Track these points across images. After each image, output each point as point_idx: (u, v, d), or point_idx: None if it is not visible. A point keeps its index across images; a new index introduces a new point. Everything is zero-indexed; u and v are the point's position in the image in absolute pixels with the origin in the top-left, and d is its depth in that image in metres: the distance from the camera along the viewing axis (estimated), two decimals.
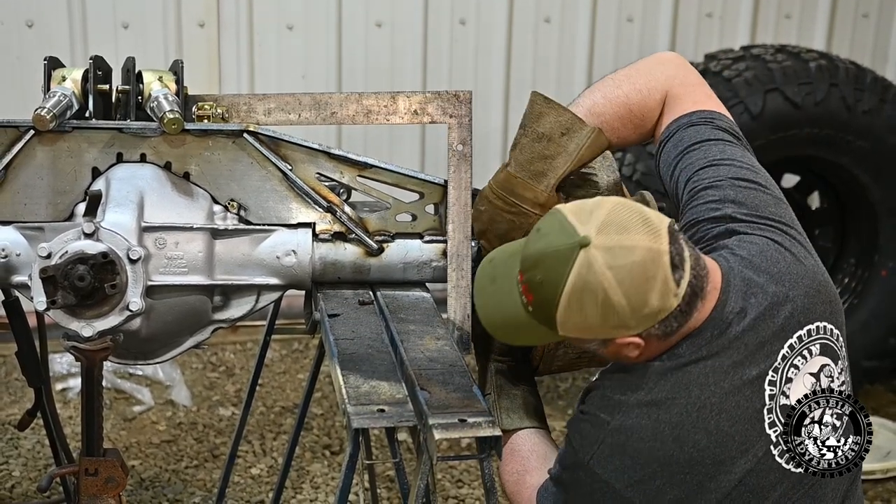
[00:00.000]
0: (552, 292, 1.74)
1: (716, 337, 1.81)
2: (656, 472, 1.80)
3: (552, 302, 1.75)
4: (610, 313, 1.73)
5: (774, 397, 1.82)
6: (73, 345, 2.08)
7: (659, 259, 1.72)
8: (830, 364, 1.88)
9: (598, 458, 1.83)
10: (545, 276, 1.75)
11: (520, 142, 2.12)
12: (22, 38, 4.47)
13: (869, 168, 4.18)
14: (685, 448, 1.79)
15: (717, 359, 1.81)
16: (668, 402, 1.80)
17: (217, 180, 2.25)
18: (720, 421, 1.79)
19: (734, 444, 1.80)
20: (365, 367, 2.00)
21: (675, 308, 1.75)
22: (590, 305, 1.73)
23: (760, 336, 1.82)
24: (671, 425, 1.79)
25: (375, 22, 4.81)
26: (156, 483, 3.70)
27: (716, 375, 1.80)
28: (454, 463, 3.84)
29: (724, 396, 1.80)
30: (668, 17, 5.12)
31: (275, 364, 4.69)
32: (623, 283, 1.71)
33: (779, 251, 1.89)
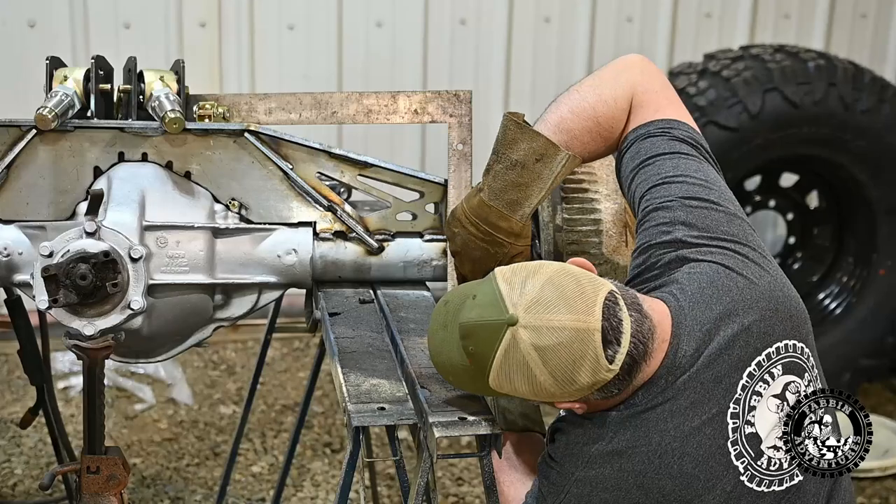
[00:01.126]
0: (483, 363, 1.74)
1: (670, 383, 1.78)
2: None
3: (484, 371, 1.74)
4: (538, 389, 1.72)
5: (738, 429, 1.79)
6: (75, 343, 2.08)
7: (588, 338, 1.70)
8: (796, 380, 1.84)
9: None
10: (476, 349, 1.74)
11: (493, 168, 2.08)
12: (24, 38, 4.48)
13: (867, 167, 4.19)
14: (651, 495, 1.78)
15: (674, 402, 1.78)
16: (629, 450, 1.78)
17: (218, 179, 2.26)
18: (683, 464, 1.77)
19: (700, 483, 1.78)
20: (365, 365, 2.01)
21: (613, 378, 1.73)
22: (517, 380, 1.72)
23: (716, 372, 1.79)
24: (634, 474, 1.78)
25: (376, 22, 4.82)
26: (157, 481, 3.71)
27: (674, 419, 1.78)
28: (454, 461, 3.85)
29: (684, 439, 1.78)
30: (667, 17, 5.13)
31: (276, 362, 4.70)
32: (548, 364, 1.69)
33: (730, 277, 1.85)
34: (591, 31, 5.06)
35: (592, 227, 2.19)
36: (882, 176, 4.22)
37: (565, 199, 2.20)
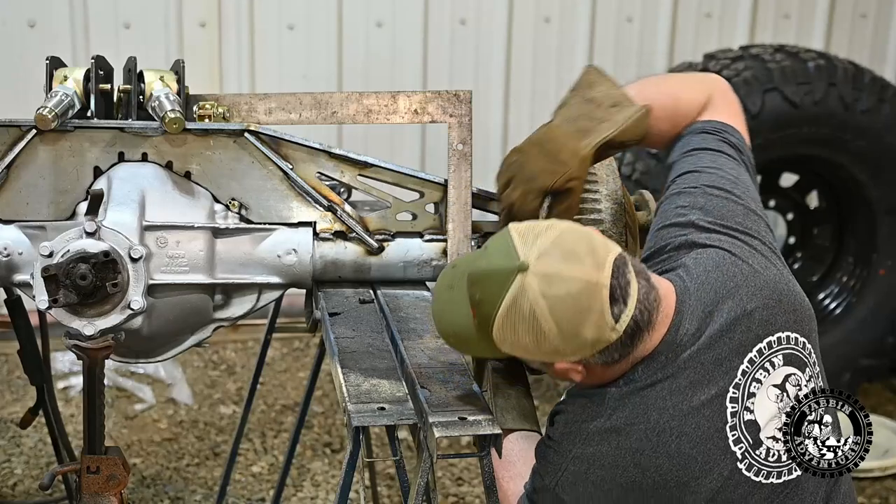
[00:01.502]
0: (488, 312, 1.75)
1: (671, 360, 1.80)
2: (619, 497, 1.80)
3: (488, 321, 1.75)
4: (541, 339, 1.74)
5: (737, 414, 1.81)
6: (75, 343, 2.08)
7: (596, 292, 1.72)
8: (797, 373, 1.86)
9: (562, 485, 1.83)
10: (483, 296, 1.76)
11: (568, 102, 2.09)
12: (24, 38, 4.48)
13: (867, 167, 4.19)
14: (647, 473, 1.78)
15: (674, 381, 1.80)
16: (627, 428, 1.80)
17: (218, 179, 2.26)
18: (681, 444, 1.78)
19: (697, 465, 1.79)
20: (365, 365, 2.01)
21: (615, 340, 1.75)
22: (522, 330, 1.74)
23: (717, 354, 1.81)
24: (632, 451, 1.79)
25: (376, 22, 4.82)
26: (157, 481, 3.72)
27: (673, 398, 1.79)
28: (454, 461, 3.86)
29: (682, 419, 1.79)
30: (667, 17, 5.13)
31: (276, 362, 4.70)
32: (554, 312, 1.71)
33: (735, 264, 1.88)
34: (591, 31, 5.06)
35: (592, 227, 2.19)
36: (882, 176, 4.22)
37: None
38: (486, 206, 2.35)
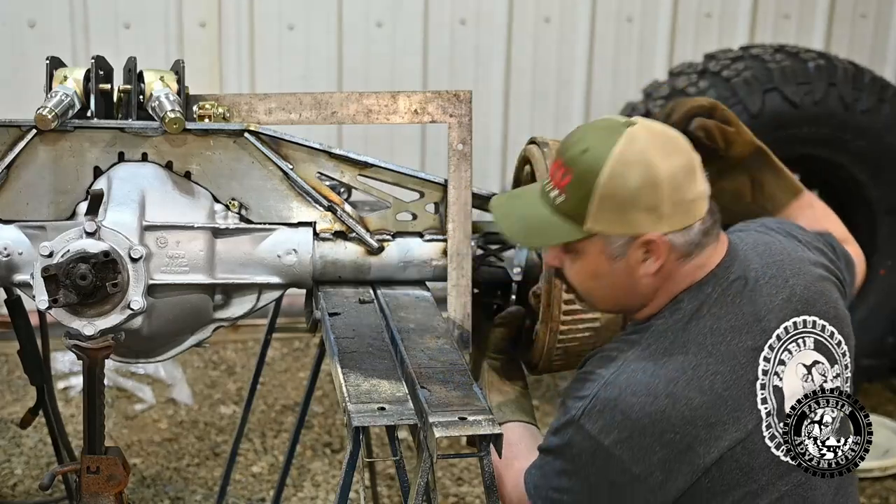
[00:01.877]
0: (597, 160, 1.77)
1: (717, 295, 1.84)
2: (647, 427, 1.79)
3: (595, 172, 1.77)
4: (650, 189, 1.76)
5: (768, 374, 1.84)
6: (75, 343, 2.08)
7: (697, 160, 1.82)
8: (824, 363, 1.89)
9: (589, 414, 1.82)
10: (591, 146, 1.79)
11: None
12: (24, 38, 4.48)
13: (867, 167, 4.19)
14: (678, 405, 1.79)
15: (716, 321, 1.83)
16: (664, 358, 1.82)
17: (218, 179, 2.26)
18: (714, 382, 1.80)
19: (726, 408, 1.80)
20: (365, 365, 2.01)
21: (699, 219, 1.81)
22: (633, 176, 1.76)
23: (758, 310, 1.85)
24: (666, 381, 1.80)
25: (376, 22, 4.82)
26: (157, 481, 3.72)
27: (713, 336, 1.82)
28: (454, 461, 3.85)
29: (720, 358, 1.81)
30: (667, 17, 5.13)
31: (276, 362, 4.70)
32: (667, 161, 1.77)
33: (785, 244, 1.96)
34: (591, 31, 5.07)
35: None
36: (882, 176, 4.22)
37: None
38: (485, 206, 2.35)
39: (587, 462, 1.83)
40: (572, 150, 1.81)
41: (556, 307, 2.17)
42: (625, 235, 1.80)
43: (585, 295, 1.92)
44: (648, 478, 1.80)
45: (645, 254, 1.81)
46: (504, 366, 2.21)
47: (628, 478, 1.81)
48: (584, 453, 1.82)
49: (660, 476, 1.80)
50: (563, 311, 2.18)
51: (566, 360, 2.27)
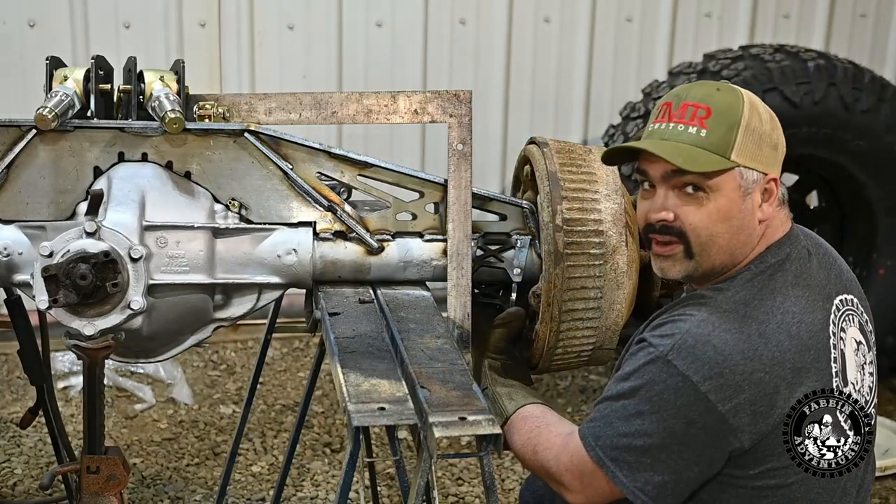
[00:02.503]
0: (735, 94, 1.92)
1: (795, 254, 1.93)
2: (738, 364, 1.79)
3: (738, 101, 1.90)
4: (774, 127, 1.94)
5: (836, 336, 1.90)
6: (75, 343, 2.09)
7: None
8: (864, 345, 1.98)
9: (678, 349, 1.81)
10: (719, 87, 1.93)
11: None
12: (24, 38, 4.48)
13: (867, 167, 4.19)
14: (769, 345, 1.82)
15: (796, 277, 1.91)
16: (755, 301, 1.87)
17: (218, 179, 2.26)
18: (800, 329, 1.85)
19: (810, 355, 1.85)
20: (365, 365, 2.00)
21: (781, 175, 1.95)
22: (764, 112, 1.93)
23: (821, 279, 1.95)
24: (758, 321, 1.84)
25: (376, 22, 4.82)
26: (157, 481, 3.71)
27: (795, 290, 1.89)
28: (454, 460, 3.85)
29: (804, 309, 1.87)
30: (667, 17, 5.13)
31: (276, 362, 4.70)
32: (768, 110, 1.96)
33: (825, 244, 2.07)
34: (591, 31, 5.06)
35: (592, 227, 2.19)
36: (882, 176, 4.22)
37: (565, 199, 2.20)
38: (485, 206, 2.35)
39: (670, 400, 1.81)
40: (702, 92, 1.91)
41: (556, 307, 2.17)
42: (758, 172, 1.90)
43: (706, 241, 1.91)
44: (732, 418, 1.80)
45: (763, 194, 1.91)
46: (505, 366, 2.21)
47: (712, 418, 1.80)
48: (668, 391, 1.81)
49: (744, 417, 1.80)
50: (563, 311, 2.18)
51: (566, 360, 2.27)
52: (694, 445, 1.81)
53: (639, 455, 1.83)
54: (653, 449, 1.82)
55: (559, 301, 2.17)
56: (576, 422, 4.31)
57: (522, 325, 2.28)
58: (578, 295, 2.18)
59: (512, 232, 2.32)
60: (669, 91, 2.02)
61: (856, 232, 4.43)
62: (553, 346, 2.21)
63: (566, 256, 2.16)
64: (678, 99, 1.92)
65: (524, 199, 2.35)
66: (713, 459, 1.83)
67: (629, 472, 1.84)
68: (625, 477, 1.84)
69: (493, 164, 4.97)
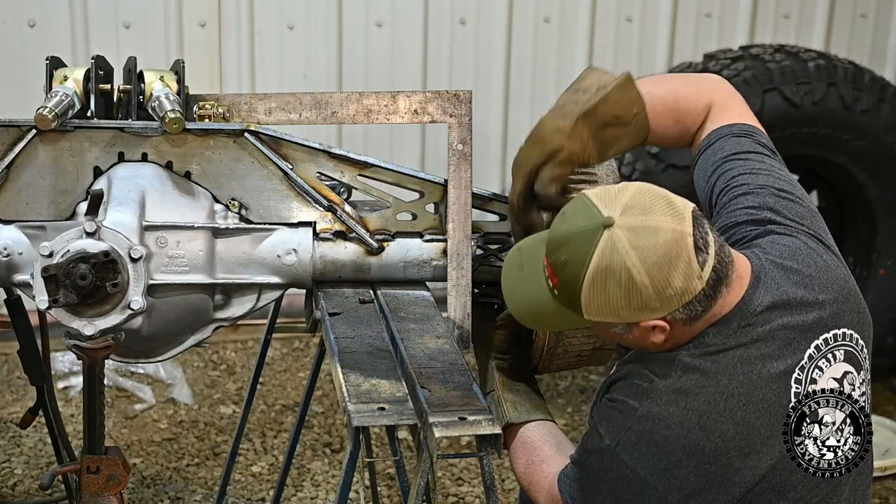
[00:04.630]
0: (576, 273, 1.76)
1: (742, 327, 1.82)
2: (681, 460, 1.80)
3: (576, 283, 1.76)
4: (633, 294, 1.74)
5: (800, 394, 1.84)
6: (75, 343, 2.09)
7: (683, 240, 1.74)
8: (853, 372, 1.91)
9: (623, 445, 1.83)
10: (569, 257, 1.76)
11: (559, 99, 2.11)
12: (24, 38, 4.48)
13: (867, 167, 4.19)
14: (711, 437, 1.80)
15: (746, 349, 1.82)
16: (696, 390, 1.81)
17: (218, 179, 2.26)
18: (747, 412, 1.80)
19: (759, 437, 1.81)
20: (365, 365, 2.01)
21: (700, 291, 1.76)
22: (612, 286, 1.74)
23: (789, 333, 1.84)
24: (698, 413, 1.80)
25: (376, 22, 4.82)
26: (157, 481, 3.72)
27: (744, 366, 1.81)
28: (454, 461, 3.86)
29: (751, 387, 1.81)
30: (667, 17, 5.13)
31: (276, 362, 4.70)
32: (646, 263, 1.72)
33: (810, 255, 1.92)
34: (591, 31, 5.06)
35: None
36: (882, 176, 4.22)
37: None
38: (485, 206, 2.35)
39: (623, 488, 1.84)
40: (554, 256, 1.80)
41: None
42: (623, 323, 1.81)
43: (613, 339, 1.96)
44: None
45: (650, 331, 1.81)
46: (511, 366, 2.21)
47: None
48: (620, 479, 1.84)
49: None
50: None
51: (566, 360, 2.27)
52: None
53: None
54: None
55: None
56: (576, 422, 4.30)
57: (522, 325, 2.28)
58: None
59: (512, 232, 2.32)
60: None
61: (856, 232, 4.43)
62: (553, 347, 2.21)
63: None
64: (548, 248, 1.83)
65: None
66: None
67: None
68: None
69: (493, 164, 4.97)
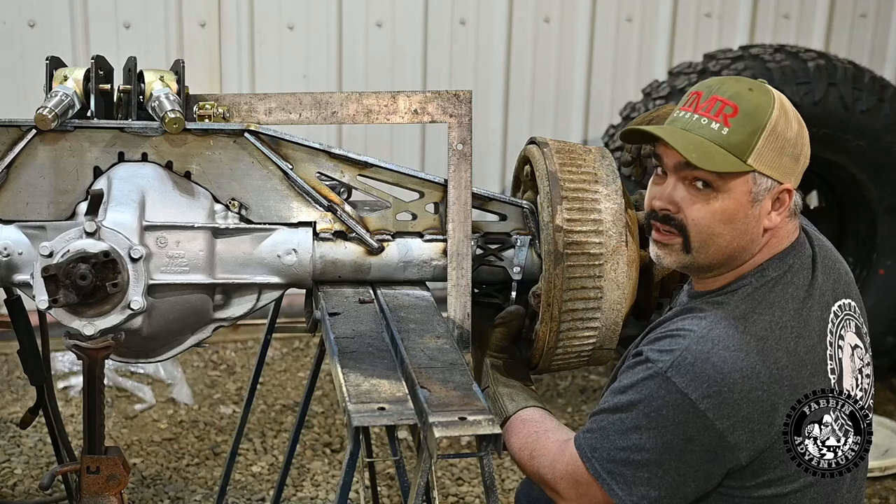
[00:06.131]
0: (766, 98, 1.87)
1: (797, 266, 1.91)
2: (736, 383, 1.79)
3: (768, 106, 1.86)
4: (800, 137, 1.89)
5: (833, 346, 1.90)
6: (75, 343, 2.09)
7: None
8: (861, 348, 1.99)
9: (677, 367, 1.81)
10: (754, 86, 1.88)
11: None
12: (24, 38, 4.48)
13: (867, 167, 4.20)
14: (767, 363, 1.81)
15: (796, 289, 1.89)
16: (754, 316, 1.85)
17: (218, 179, 2.26)
18: (798, 345, 1.85)
19: (807, 371, 1.85)
20: (365, 365, 2.01)
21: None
22: (793, 119, 1.88)
23: (822, 286, 1.93)
24: (756, 338, 1.83)
25: (376, 22, 4.82)
26: (157, 481, 3.72)
27: (794, 302, 1.88)
28: (454, 461, 3.86)
29: (802, 323, 1.87)
30: (667, 17, 5.13)
31: (276, 362, 4.70)
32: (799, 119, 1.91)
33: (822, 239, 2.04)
34: (591, 31, 5.06)
35: (592, 227, 2.19)
36: (882, 176, 4.22)
37: (565, 199, 2.20)
38: (485, 206, 2.35)
39: (668, 416, 1.81)
40: (734, 88, 1.87)
41: (556, 307, 2.17)
42: (772, 180, 1.86)
43: (706, 239, 1.89)
44: (731, 435, 1.80)
45: (774, 203, 1.87)
46: (506, 365, 2.22)
47: (710, 435, 1.80)
48: (667, 407, 1.81)
49: (742, 434, 1.81)
50: (563, 311, 2.18)
51: (566, 360, 2.27)
52: (691, 462, 1.82)
53: (636, 469, 1.84)
54: (650, 464, 1.83)
55: (559, 301, 2.17)
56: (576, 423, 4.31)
57: (522, 324, 2.28)
58: (578, 295, 2.18)
59: (512, 232, 2.32)
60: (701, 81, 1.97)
61: (856, 232, 4.43)
62: (553, 346, 2.21)
63: (566, 256, 2.16)
64: (709, 91, 1.88)
65: (524, 199, 2.35)
66: (710, 475, 1.84)
67: (626, 486, 1.84)
68: (621, 491, 1.85)
69: (493, 164, 4.97)
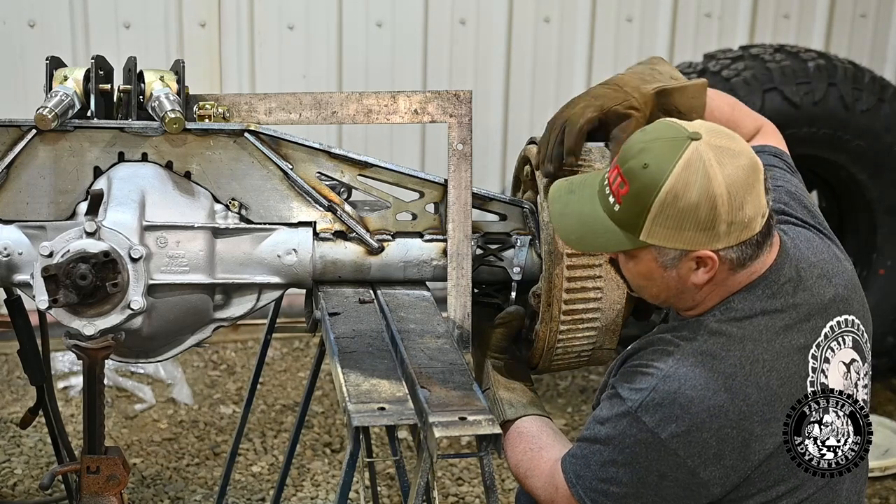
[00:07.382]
0: (656, 179, 1.76)
1: (768, 296, 1.86)
2: (704, 422, 1.80)
3: (653, 190, 1.76)
4: (708, 210, 1.75)
5: (816, 371, 1.87)
6: (75, 343, 2.09)
7: (759, 171, 1.80)
8: (858, 361, 1.96)
9: (646, 406, 1.83)
10: (651, 161, 1.77)
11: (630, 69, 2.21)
12: (24, 38, 4.48)
13: (867, 167, 4.19)
14: (736, 401, 1.81)
15: (770, 318, 1.85)
16: (722, 352, 1.83)
17: (218, 179, 2.26)
18: (770, 378, 1.83)
19: (780, 405, 1.83)
20: (365, 365, 2.01)
21: (756, 234, 1.80)
22: (691, 196, 1.75)
23: (809, 309, 1.88)
24: (724, 375, 1.82)
25: (376, 22, 4.82)
26: (157, 481, 3.72)
27: (769, 333, 1.85)
28: (454, 461, 3.86)
29: (775, 355, 1.84)
30: (667, 17, 5.13)
31: (276, 362, 4.70)
32: (728, 179, 1.75)
33: (822, 245, 1.99)
34: (591, 31, 5.06)
35: None
36: (882, 176, 4.22)
37: None
38: (485, 206, 2.35)
39: (640, 454, 1.83)
40: (633, 162, 1.80)
41: (556, 307, 2.17)
42: (678, 249, 1.81)
43: (636, 290, 1.95)
44: (703, 471, 1.81)
45: (697, 266, 1.82)
46: (507, 365, 2.22)
47: (682, 472, 1.82)
48: (639, 445, 1.83)
49: (714, 471, 1.82)
50: (563, 311, 2.18)
51: (566, 360, 2.27)
52: (668, 496, 1.85)
53: (616, 500, 1.87)
54: (628, 497, 1.87)
55: (559, 301, 2.17)
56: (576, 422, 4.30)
57: (522, 324, 2.28)
58: (578, 295, 2.18)
59: (512, 232, 2.32)
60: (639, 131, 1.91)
61: (856, 232, 4.42)
62: (553, 346, 2.21)
63: (566, 256, 2.16)
64: (622, 157, 1.83)
65: (524, 199, 2.35)
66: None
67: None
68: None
69: (493, 164, 4.97)
